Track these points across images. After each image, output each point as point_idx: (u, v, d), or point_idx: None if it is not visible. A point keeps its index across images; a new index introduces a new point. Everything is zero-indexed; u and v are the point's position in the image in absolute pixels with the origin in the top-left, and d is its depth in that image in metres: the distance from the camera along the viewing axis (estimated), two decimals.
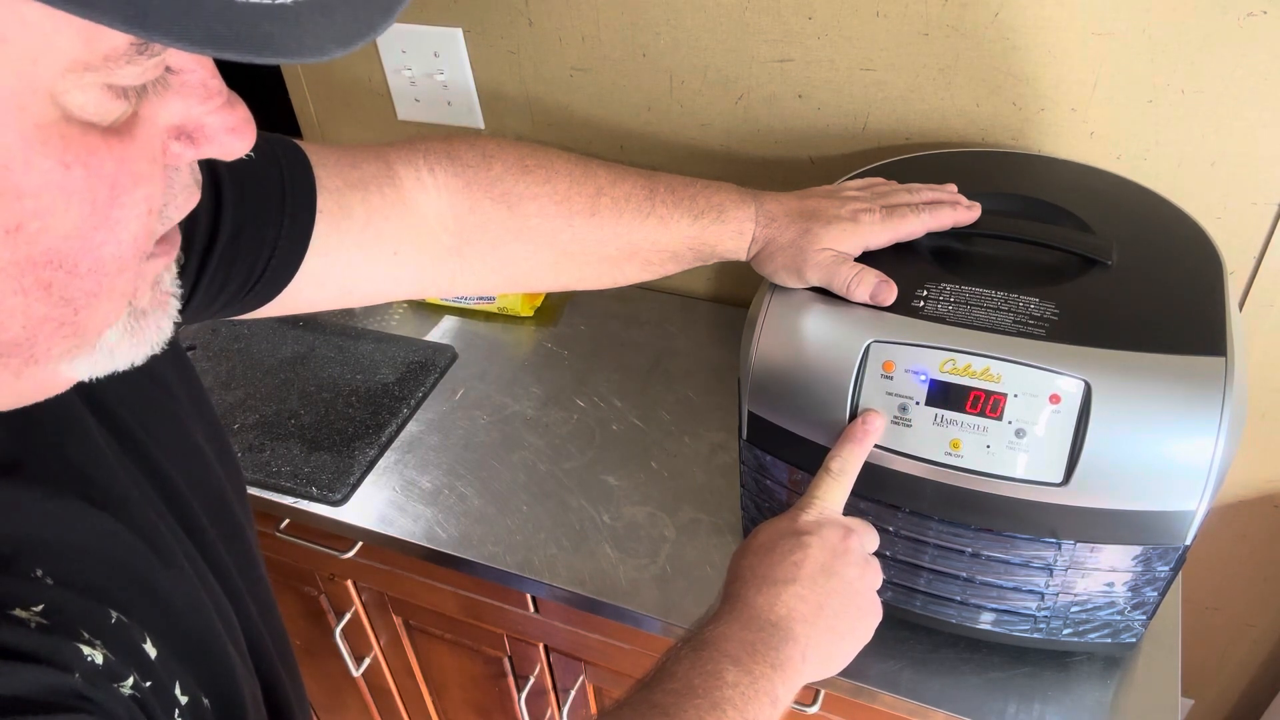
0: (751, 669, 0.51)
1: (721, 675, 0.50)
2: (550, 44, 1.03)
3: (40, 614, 0.34)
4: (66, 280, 0.29)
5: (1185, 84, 0.80)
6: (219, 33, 0.24)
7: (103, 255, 0.30)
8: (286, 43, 0.25)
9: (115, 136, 0.28)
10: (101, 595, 0.37)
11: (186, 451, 0.49)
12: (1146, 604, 0.68)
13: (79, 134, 0.27)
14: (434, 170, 0.64)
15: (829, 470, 0.62)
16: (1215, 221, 0.85)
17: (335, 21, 0.26)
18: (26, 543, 0.36)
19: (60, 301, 0.30)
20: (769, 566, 0.57)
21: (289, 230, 0.56)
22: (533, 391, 1.04)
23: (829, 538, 0.58)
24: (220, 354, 1.10)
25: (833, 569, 0.57)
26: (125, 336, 0.34)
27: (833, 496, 0.61)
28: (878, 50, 0.89)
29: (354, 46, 0.27)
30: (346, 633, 1.10)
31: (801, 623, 0.55)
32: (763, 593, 0.55)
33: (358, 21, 0.27)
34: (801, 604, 0.55)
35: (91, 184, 0.28)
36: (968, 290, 0.65)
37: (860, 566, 0.59)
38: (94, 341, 0.32)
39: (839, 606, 0.56)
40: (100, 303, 0.31)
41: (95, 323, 0.32)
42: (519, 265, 0.68)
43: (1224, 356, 0.59)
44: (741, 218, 0.68)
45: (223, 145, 0.32)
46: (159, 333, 0.35)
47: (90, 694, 0.33)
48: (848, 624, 0.57)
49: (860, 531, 0.61)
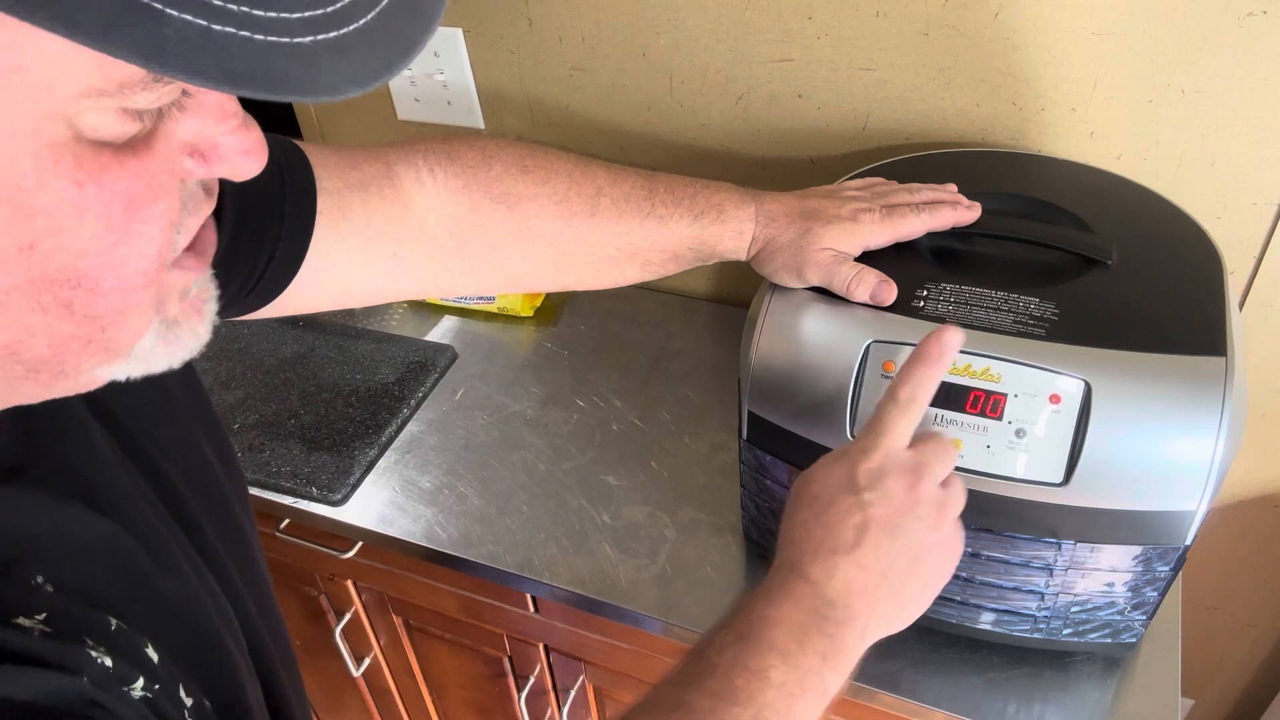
0: (800, 662, 0.47)
1: (767, 675, 0.46)
2: (550, 44, 1.03)
3: (43, 622, 0.34)
4: (89, 298, 0.30)
5: (1185, 84, 0.80)
6: (235, 70, 0.24)
7: (126, 271, 0.30)
8: (302, 81, 0.25)
9: (130, 153, 0.29)
10: (102, 601, 0.37)
11: (186, 453, 0.49)
12: (1146, 604, 0.68)
13: (91, 153, 0.28)
14: (434, 171, 0.64)
15: (896, 400, 0.54)
16: (1215, 221, 0.85)
17: (352, 62, 0.26)
18: (28, 548, 0.36)
19: (85, 319, 0.30)
20: (825, 529, 0.51)
21: (289, 231, 0.56)
22: (533, 391, 1.04)
23: (892, 492, 0.52)
24: (220, 354, 1.10)
25: (899, 527, 0.51)
26: (159, 345, 0.34)
27: (899, 432, 0.54)
28: (878, 50, 0.89)
29: (370, 87, 0.27)
30: (346, 633, 1.10)
31: (861, 595, 0.50)
32: (819, 562, 0.50)
33: (375, 62, 0.27)
34: (862, 574, 0.50)
35: (105, 200, 0.28)
36: (968, 290, 0.65)
37: (933, 515, 0.52)
38: (127, 352, 0.33)
39: (905, 568, 0.51)
40: (129, 318, 0.31)
41: (126, 337, 0.32)
42: (519, 265, 0.68)
43: (1224, 356, 0.59)
44: (741, 218, 0.68)
45: (235, 166, 0.33)
46: (195, 339, 0.36)
47: (101, 699, 0.33)
48: (916, 584, 0.52)
49: (929, 463, 0.53)
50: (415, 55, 0.28)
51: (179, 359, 0.35)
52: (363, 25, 0.27)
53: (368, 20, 0.27)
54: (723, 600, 0.81)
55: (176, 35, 0.23)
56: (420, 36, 0.28)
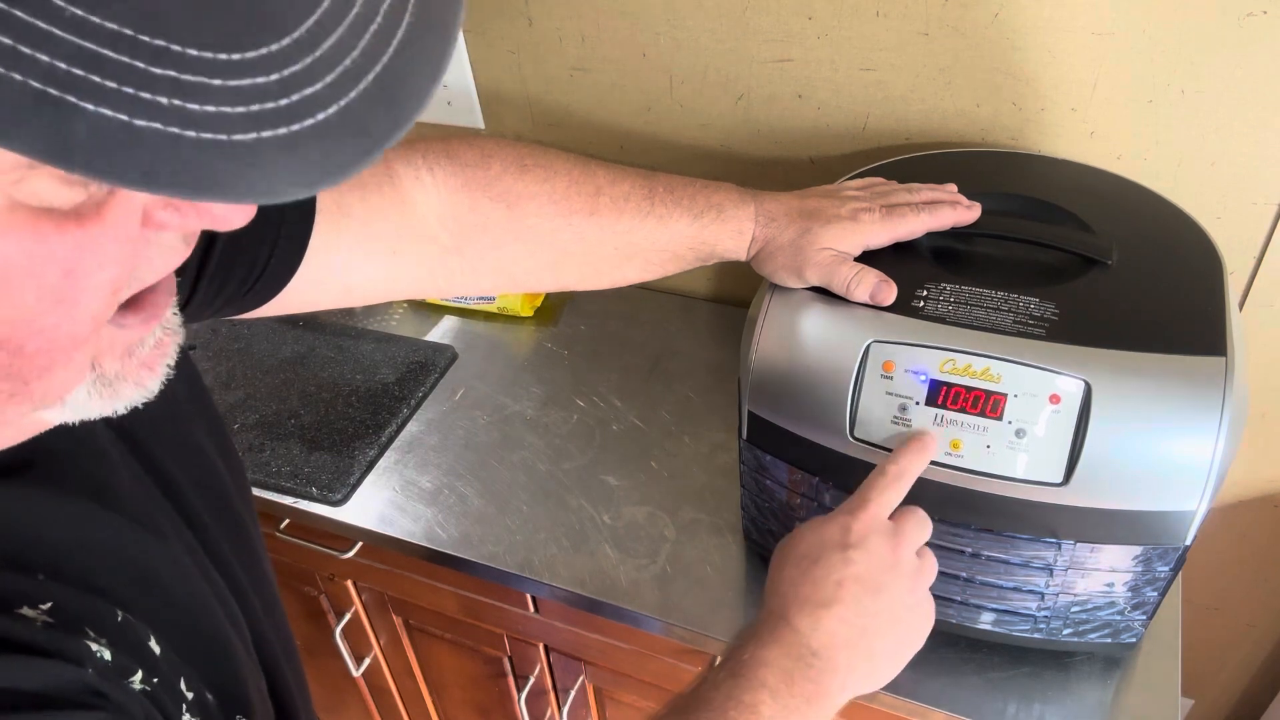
0: (788, 702, 0.50)
1: (758, 709, 0.49)
2: (550, 44, 1.03)
3: (47, 612, 0.34)
4: (11, 359, 0.28)
5: (1185, 84, 0.80)
6: (154, 170, 0.22)
7: (56, 335, 0.28)
8: (235, 184, 0.23)
9: (74, 221, 0.26)
10: (107, 594, 0.37)
11: (188, 450, 0.49)
12: (1146, 604, 0.68)
13: (27, 220, 0.25)
14: (433, 170, 0.64)
15: (885, 473, 0.59)
16: (1215, 221, 0.85)
17: (300, 162, 0.23)
18: (34, 542, 0.36)
19: (8, 376, 0.28)
20: (812, 585, 0.54)
21: (288, 230, 0.56)
22: (533, 391, 1.04)
23: (876, 551, 0.55)
24: (220, 354, 1.10)
25: (879, 587, 0.54)
26: (93, 399, 0.32)
27: (885, 500, 0.58)
28: (878, 50, 0.89)
29: (316, 189, 0.24)
30: (346, 633, 1.10)
31: (844, 649, 0.53)
32: (804, 615, 0.53)
33: (329, 162, 0.24)
34: (844, 628, 0.53)
35: (37, 272, 0.26)
36: (968, 290, 0.65)
37: (911, 577, 0.56)
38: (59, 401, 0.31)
39: (884, 627, 0.54)
40: (55, 374, 0.29)
41: (54, 389, 0.30)
42: (518, 265, 0.68)
43: (1224, 356, 0.59)
44: (741, 217, 0.68)
45: (216, 217, 0.30)
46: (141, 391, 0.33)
47: (104, 689, 0.34)
48: (893, 644, 0.55)
49: (909, 530, 0.58)
50: (377, 155, 0.25)
51: (119, 408, 0.33)
52: (320, 121, 0.23)
53: (327, 115, 0.24)
54: (723, 600, 0.81)
55: (89, 131, 0.21)
56: (388, 134, 0.25)
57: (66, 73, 0.21)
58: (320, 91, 0.24)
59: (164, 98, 0.21)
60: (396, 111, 0.25)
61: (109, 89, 0.21)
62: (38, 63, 0.20)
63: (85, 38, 0.21)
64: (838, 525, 0.56)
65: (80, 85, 0.21)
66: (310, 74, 0.23)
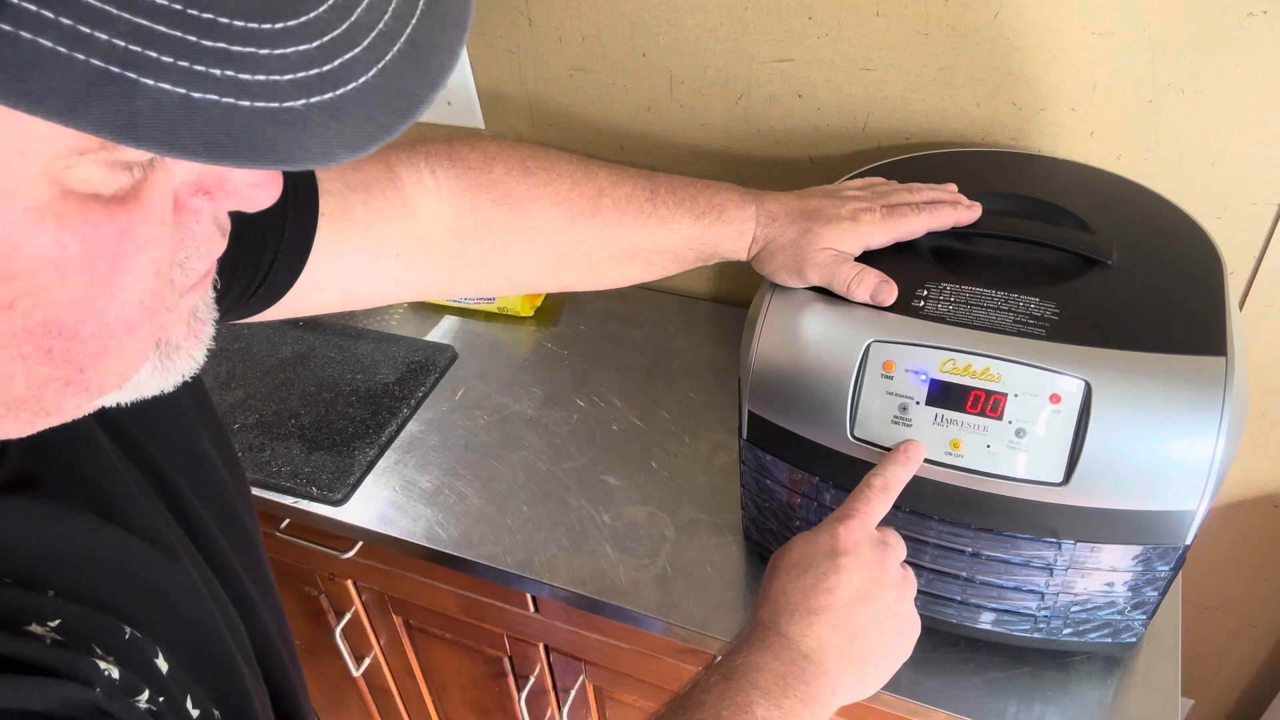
0: (781, 703, 0.50)
1: (751, 709, 0.49)
2: (550, 44, 1.03)
3: (55, 630, 0.34)
4: (68, 345, 0.29)
5: (1185, 84, 0.80)
6: (215, 140, 0.23)
7: (106, 320, 0.29)
8: (290, 149, 0.24)
9: (119, 205, 0.27)
10: (115, 610, 0.37)
11: (193, 459, 0.49)
12: (1146, 604, 0.68)
13: (78, 208, 0.26)
14: (435, 172, 0.64)
15: (871, 485, 0.60)
16: (1215, 221, 0.85)
17: (346, 126, 0.24)
18: (42, 558, 0.36)
19: (64, 363, 0.29)
20: (802, 592, 0.55)
21: (291, 233, 0.56)
22: (533, 391, 1.04)
23: (865, 559, 0.56)
24: (220, 354, 1.10)
25: (869, 594, 0.55)
26: (154, 374, 0.33)
27: (874, 511, 0.59)
28: (878, 50, 0.89)
29: (366, 151, 0.25)
30: (346, 633, 1.10)
31: (834, 654, 0.54)
32: (795, 622, 0.54)
33: (373, 124, 0.25)
34: (834, 634, 0.54)
35: (90, 257, 0.27)
36: (968, 290, 0.65)
37: (898, 587, 0.57)
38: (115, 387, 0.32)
39: (874, 634, 0.55)
40: (108, 361, 0.30)
41: (110, 377, 0.31)
42: (521, 266, 0.68)
43: (1224, 356, 0.59)
44: (742, 218, 0.68)
45: (245, 198, 0.32)
46: (190, 362, 0.35)
47: (110, 708, 0.33)
48: (881, 651, 0.56)
49: (893, 544, 0.59)
50: (418, 115, 0.26)
51: (171, 384, 0.34)
52: (362, 84, 0.24)
53: (368, 79, 0.25)
54: (723, 600, 0.81)
55: (151, 106, 0.22)
56: (425, 94, 0.26)
57: (125, 50, 0.21)
58: (360, 55, 0.25)
59: (217, 69, 0.22)
60: (430, 70, 0.26)
61: (166, 64, 0.22)
62: (97, 42, 0.21)
63: (140, 14, 0.21)
64: (827, 534, 0.57)
65: (139, 62, 0.21)
66: (349, 39, 0.24)
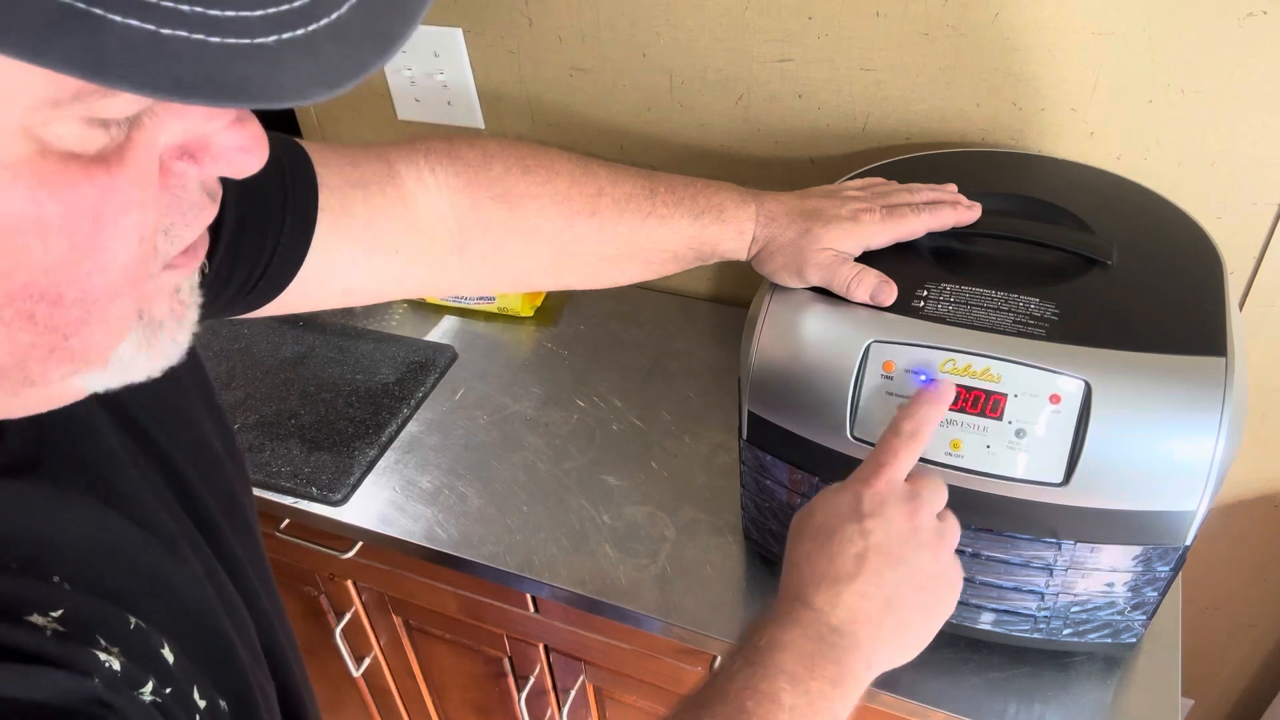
0: (810, 687, 0.48)
1: (777, 697, 0.46)
2: (550, 44, 1.03)
3: (58, 620, 0.34)
4: (50, 310, 0.28)
5: (1185, 84, 0.80)
6: (186, 78, 0.22)
7: (89, 285, 0.29)
8: (264, 86, 0.23)
9: (101, 166, 0.27)
10: (120, 599, 0.37)
11: (199, 448, 0.49)
12: (1146, 604, 0.68)
13: (57, 167, 0.26)
14: (435, 169, 0.64)
15: (899, 432, 0.55)
16: (1215, 221, 0.85)
17: (320, 61, 0.24)
18: (45, 545, 0.36)
19: (47, 329, 0.29)
20: (828, 559, 0.52)
21: (290, 229, 0.56)
22: (533, 391, 1.04)
23: (894, 520, 0.52)
24: (220, 354, 1.10)
25: (901, 556, 0.52)
26: (140, 351, 0.33)
27: (901, 462, 0.55)
28: (878, 50, 0.89)
29: (341, 89, 0.25)
30: (346, 633, 1.10)
31: (866, 624, 0.50)
32: (822, 591, 0.51)
33: (348, 60, 0.25)
34: (865, 602, 0.51)
35: (69, 218, 0.27)
36: (968, 290, 0.65)
37: (933, 545, 0.53)
38: (104, 359, 0.32)
39: (909, 597, 0.52)
40: (92, 329, 0.30)
41: (94, 346, 0.31)
42: (520, 265, 0.68)
43: (1224, 356, 0.59)
44: (742, 217, 0.68)
45: (231, 163, 0.31)
46: (175, 345, 0.34)
47: (111, 700, 0.33)
48: (921, 615, 0.53)
49: (926, 495, 0.55)
50: (393, 53, 0.25)
51: (158, 367, 0.34)
52: (334, 20, 0.24)
53: (340, 14, 0.24)
54: (723, 600, 0.81)
55: (120, 43, 0.21)
56: (400, 30, 0.26)
57: None
58: None
59: (185, 5, 0.22)
60: (403, 10, 0.26)
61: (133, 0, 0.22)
62: None
63: None
64: (851, 494, 0.54)
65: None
66: None
